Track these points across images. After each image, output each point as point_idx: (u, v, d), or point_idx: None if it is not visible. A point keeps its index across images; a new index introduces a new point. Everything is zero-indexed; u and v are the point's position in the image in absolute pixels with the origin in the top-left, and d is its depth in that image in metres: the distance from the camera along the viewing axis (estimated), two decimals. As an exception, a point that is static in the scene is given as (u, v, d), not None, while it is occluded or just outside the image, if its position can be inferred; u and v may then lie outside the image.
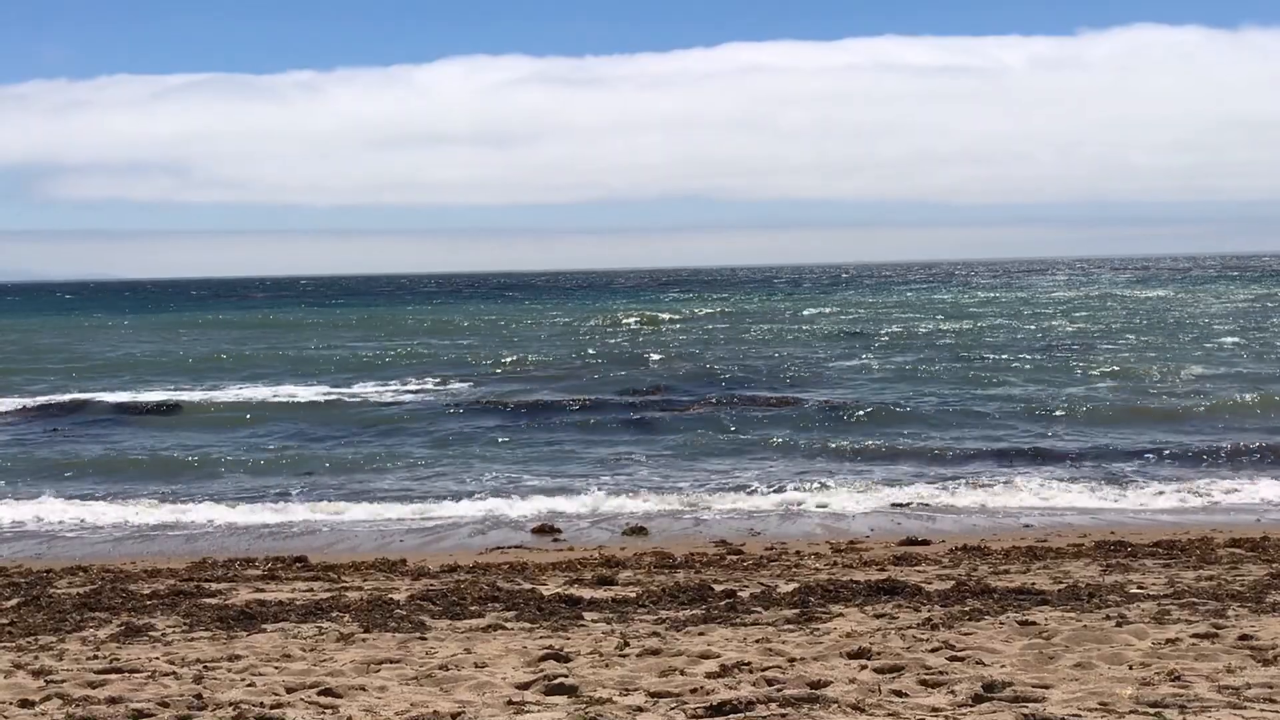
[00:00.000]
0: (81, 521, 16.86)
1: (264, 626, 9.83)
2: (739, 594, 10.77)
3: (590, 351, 43.93)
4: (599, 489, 18.37)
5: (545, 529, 15.77)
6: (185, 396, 31.47)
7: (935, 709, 6.98)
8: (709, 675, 7.82)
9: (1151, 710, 6.84)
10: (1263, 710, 6.80)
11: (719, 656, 8.30)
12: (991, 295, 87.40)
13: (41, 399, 31.27)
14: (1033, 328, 50.81)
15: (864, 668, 7.91)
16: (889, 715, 6.90)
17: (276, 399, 30.89)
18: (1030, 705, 6.97)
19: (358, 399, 30.79)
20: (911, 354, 39.59)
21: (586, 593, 11.09)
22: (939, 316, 61.66)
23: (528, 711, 7.18)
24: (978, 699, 7.13)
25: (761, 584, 11.37)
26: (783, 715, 6.94)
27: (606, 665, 8.20)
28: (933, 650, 8.34)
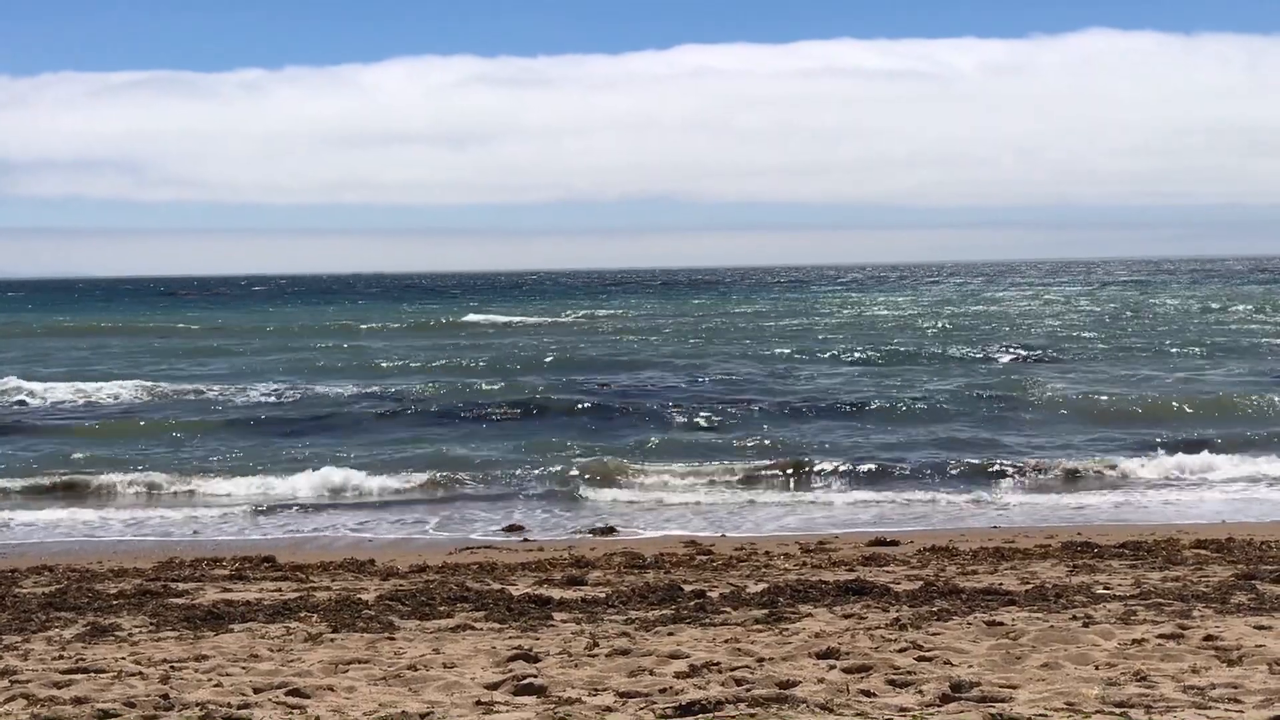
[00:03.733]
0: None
1: (231, 626, 9.78)
2: (708, 594, 10.79)
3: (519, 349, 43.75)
4: (558, 489, 18.52)
5: (514, 528, 15.77)
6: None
7: (903, 709, 7.02)
8: (678, 675, 7.83)
9: (1117, 710, 6.89)
10: (1227, 710, 6.86)
11: (688, 656, 8.31)
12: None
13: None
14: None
15: (832, 668, 7.94)
16: (857, 715, 6.92)
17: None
18: (997, 705, 7.01)
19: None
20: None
21: (556, 593, 11.09)
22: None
23: (496, 712, 7.17)
24: (945, 699, 7.17)
25: (731, 584, 11.38)
26: (751, 715, 6.95)
27: (575, 665, 8.20)
28: (901, 650, 8.38)
